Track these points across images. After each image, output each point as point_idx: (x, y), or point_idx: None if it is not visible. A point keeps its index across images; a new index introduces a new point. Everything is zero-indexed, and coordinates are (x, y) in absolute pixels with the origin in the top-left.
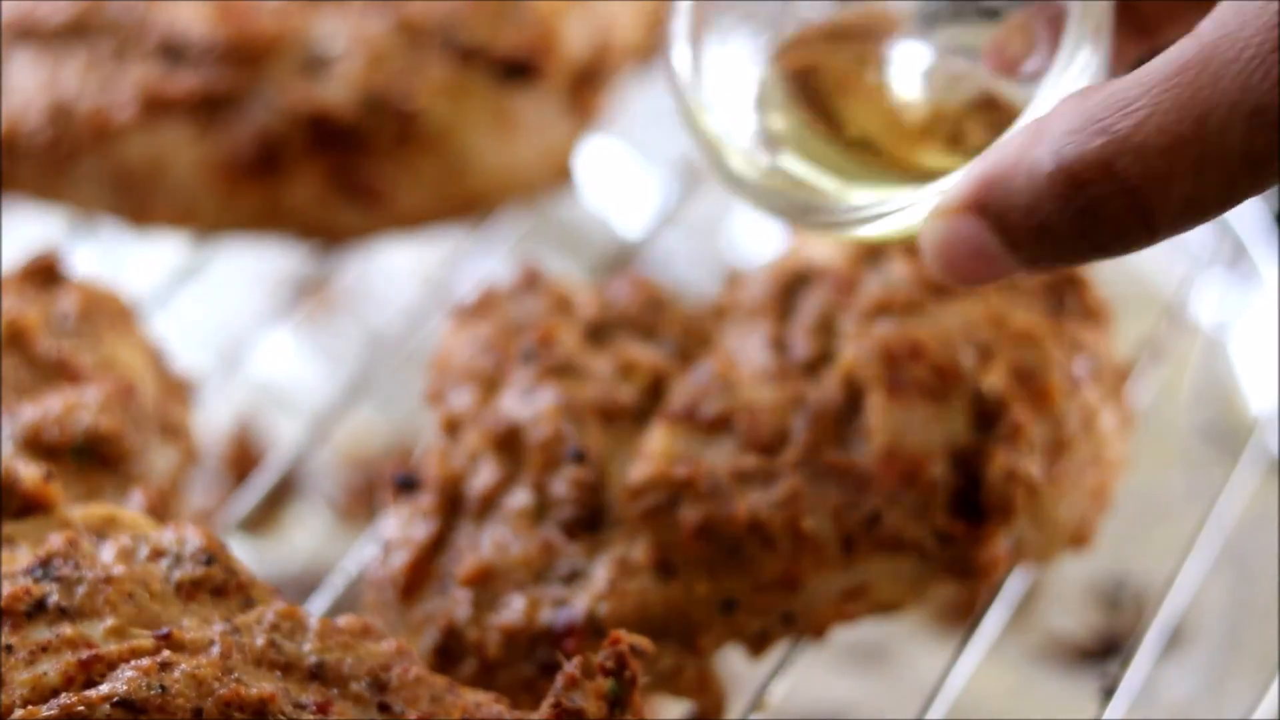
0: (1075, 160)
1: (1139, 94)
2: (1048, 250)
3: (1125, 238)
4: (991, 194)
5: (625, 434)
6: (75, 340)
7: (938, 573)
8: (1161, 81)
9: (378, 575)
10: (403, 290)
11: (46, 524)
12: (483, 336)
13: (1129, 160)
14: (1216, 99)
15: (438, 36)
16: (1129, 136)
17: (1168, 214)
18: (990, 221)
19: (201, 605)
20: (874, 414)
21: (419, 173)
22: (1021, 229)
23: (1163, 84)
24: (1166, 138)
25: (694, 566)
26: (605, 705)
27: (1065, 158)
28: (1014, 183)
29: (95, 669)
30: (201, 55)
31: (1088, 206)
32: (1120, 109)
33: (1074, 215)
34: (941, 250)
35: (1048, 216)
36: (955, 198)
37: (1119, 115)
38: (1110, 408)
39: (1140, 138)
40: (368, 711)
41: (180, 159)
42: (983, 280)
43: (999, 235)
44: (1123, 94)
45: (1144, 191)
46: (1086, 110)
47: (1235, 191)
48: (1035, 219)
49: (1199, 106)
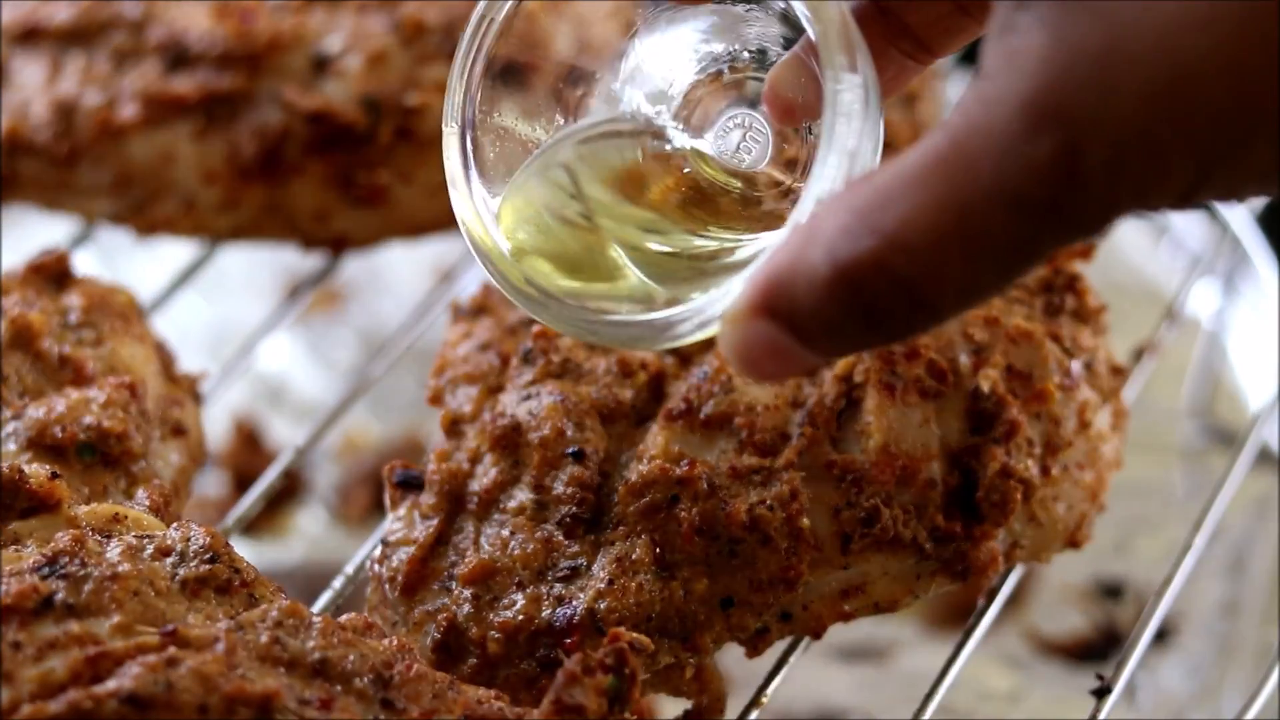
0: (849, 263)
1: (901, 190)
2: (842, 343)
3: (911, 326)
4: (776, 299)
5: (625, 434)
6: (81, 339)
7: (935, 572)
8: (919, 176)
9: (379, 573)
10: (402, 290)
11: (53, 522)
12: (483, 336)
13: (900, 259)
14: (975, 191)
15: (438, 37)
16: (896, 235)
17: (946, 302)
18: (780, 323)
19: (206, 602)
20: (871, 414)
21: (420, 173)
22: (811, 329)
23: (921, 179)
24: (933, 234)
25: (693, 565)
26: (605, 702)
27: (840, 261)
28: (795, 288)
29: (102, 665)
30: (204, 56)
31: (869, 305)
32: (885, 207)
33: (858, 314)
34: (739, 353)
35: (833, 317)
36: (743, 303)
37: (885, 214)
38: (1106, 407)
39: (907, 235)
40: (370, 708)
41: (183, 159)
42: (786, 376)
43: (790, 335)
44: (886, 190)
45: (919, 286)
46: (854, 208)
47: (1009, 273)
48: (821, 320)
49: (959, 200)
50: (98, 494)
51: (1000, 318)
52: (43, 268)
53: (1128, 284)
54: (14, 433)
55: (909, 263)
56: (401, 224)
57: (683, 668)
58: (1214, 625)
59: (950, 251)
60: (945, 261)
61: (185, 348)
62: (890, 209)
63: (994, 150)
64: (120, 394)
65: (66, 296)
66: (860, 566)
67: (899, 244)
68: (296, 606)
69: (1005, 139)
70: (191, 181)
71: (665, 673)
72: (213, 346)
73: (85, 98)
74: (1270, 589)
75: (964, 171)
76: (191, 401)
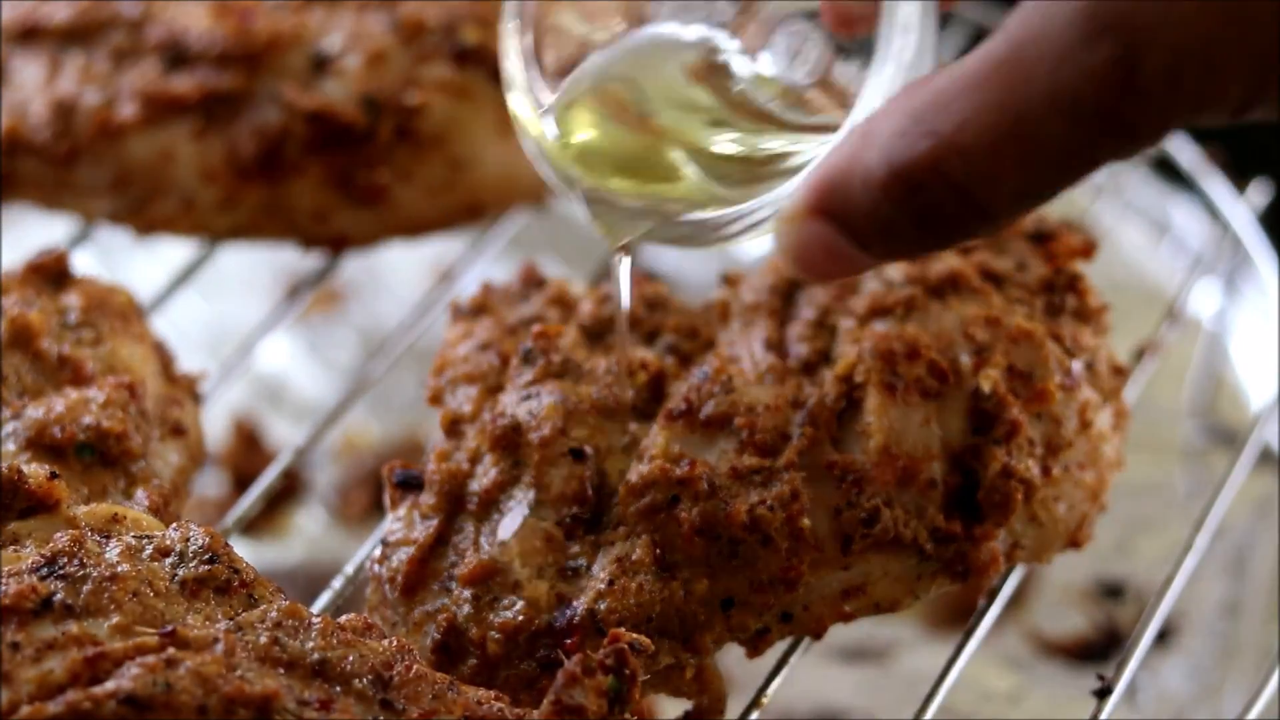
0: (904, 164)
1: (957, 93)
2: (895, 245)
3: (966, 230)
4: (832, 200)
5: (625, 433)
6: (80, 339)
7: (936, 572)
8: (976, 80)
9: (379, 574)
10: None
11: (52, 523)
12: (483, 336)
13: (956, 161)
14: (1031, 96)
15: (437, 36)
16: (952, 138)
17: (1000, 207)
18: (835, 224)
19: (205, 603)
20: (872, 414)
21: (419, 172)
22: (865, 230)
23: (979, 83)
24: (989, 138)
25: (693, 565)
26: (605, 702)
27: (895, 162)
28: (851, 188)
29: (101, 666)
30: (203, 56)
31: (924, 207)
32: (941, 110)
33: (913, 216)
34: (795, 253)
35: (888, 218)
36: (800, 203)
37: (941, 117)
38: (1107, 407)
39: (963, 139)
40: (370, 708)
41: (182, 159)
42: (841, 276)
43: (845, 236)
44: (942, 94)
45: (973, 189)
46: (911, 111)
47: (1063, 180)
48: (877, 221)
49: (1016, 104)
50: (97, 494)
51: (1001, 318)
52: (42, 267)
53: (1128, 284)
54: (13, 432)
55: (964, 165)
56: (401, 223)
57: (683, 668)
58: (1215, 625)
59: (1005, 156)
60: (1000, 165)
61: (184, 347)
62: (947, 112)
63: (1051, 56)
64: (119, 394)
65: (66, 296)
66: (861, 567)
67: (955, 147)
68: (296, 607)
69: (1063, 45)
70: (191, 181)
71: (665, 673)
72: (212, 346)
73: (84, 97)
74: (1271, 589)
75: (1021, 77)
76: (191, 401)
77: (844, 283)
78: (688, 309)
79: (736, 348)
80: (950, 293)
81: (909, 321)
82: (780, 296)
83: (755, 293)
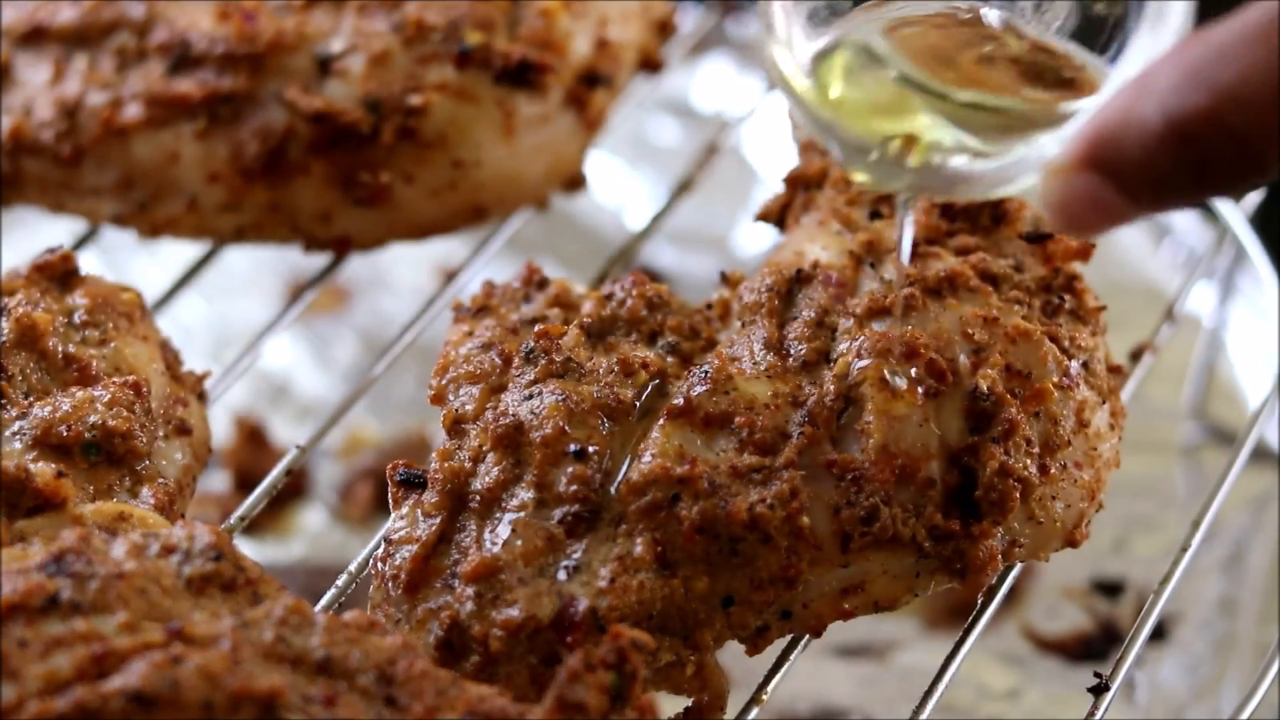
0: (1183, 116)
1: (1237, 45)
2: (1166, 198)
3: (1240, 181)
4: (1104, 152)
5: (626, 432)
6: (86, 338)
7: (934, 570)
8: (1257, 34)
9: (382, 571)
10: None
11: (58, 521)
12: (485, 336)
13: (1235, 112)
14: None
15: (440, 38)
16: (1233, 89)
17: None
18: (1106, 177)
19: (211, 600)
20: (871, 413)
21: (422, 173)
22: (1138, 182)
23: (1259, 36)
24: (1269, 89)
25: (693, 563)
26: (606, 699)
27: (1173, 114)
28: (1125, 140)
29: (107, 663)
30: (207, 57)
31: (1200, 158)
32: (1221, 63)
33: (1188, 167)
34: (1063, 205)
35: (1163, 170)
36: (1070, 156)
37: (1221, 69)
38: (1104, 407)
39: (1244, 90)
40: (374, 704)
41: (186, 159)
42: (1103, 228)
43: (1116, 188)
44: (1222, 46)
45: (1253, 140)
46: (1187, 65)
47: None
48: (1151, 173)
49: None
50: (103, 492)
51: (999, 318)
52: (48, 267)
53: (1128, 284)
54: (20, 432)
55: (1243, 116)
56: (404, 224)
57: (684, 665)
58: (1212, 623)
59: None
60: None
61: (189, 347)
62: (1226, 65)
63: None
64: (125, 393)
65: (72, 296)
66: (860, 565)
67: (1234, 98)
68: (300, 604)
69: None
70: (195, 181)
71: (666, 670)
72: (216, 345)
73: (89, 98)
74: (1268, 586)
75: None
76: (196, 400)
77: (843, 283)
78: (688, 309)
79: (736, 347)
80: (948, 293)
81: (908, 321)
82: (780, 296)
83: (755, 293)
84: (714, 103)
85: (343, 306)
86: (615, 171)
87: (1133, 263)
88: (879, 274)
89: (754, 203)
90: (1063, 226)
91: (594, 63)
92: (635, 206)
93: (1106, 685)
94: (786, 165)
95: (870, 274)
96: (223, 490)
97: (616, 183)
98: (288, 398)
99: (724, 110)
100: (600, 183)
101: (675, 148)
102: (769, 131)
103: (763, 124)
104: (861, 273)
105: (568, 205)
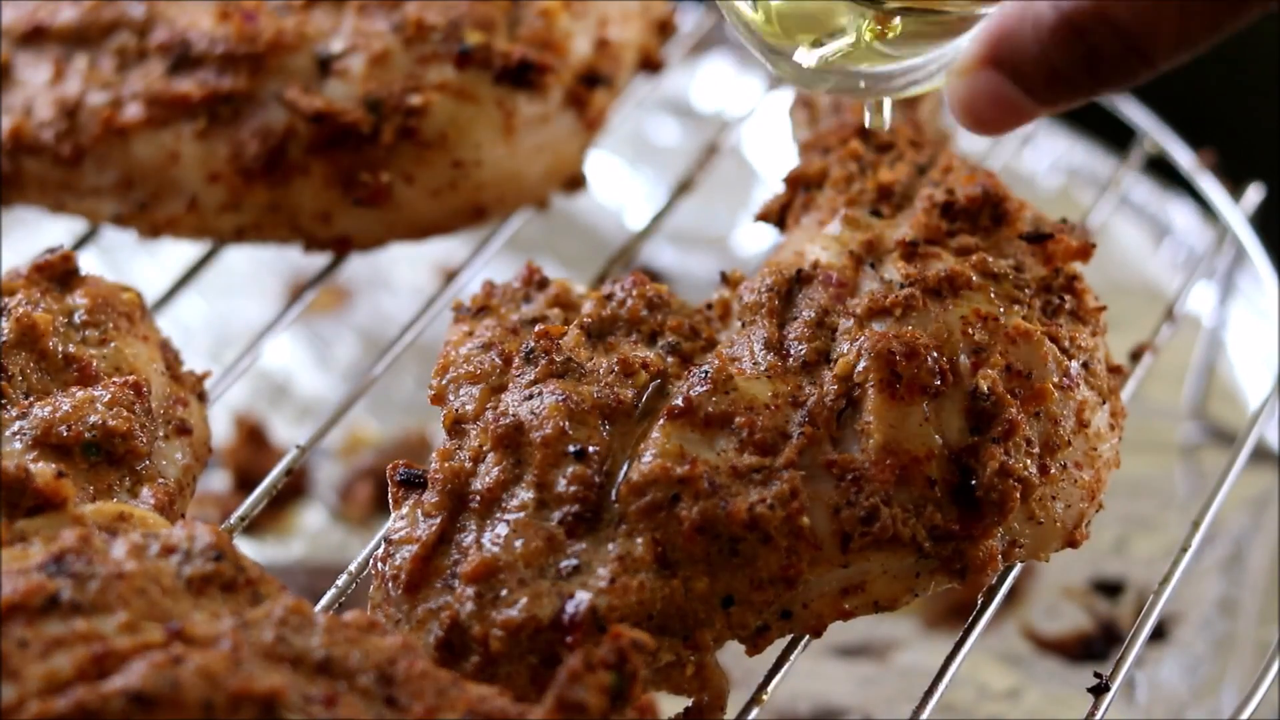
0: (1074, 12)
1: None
2: (1061, 92)
3: (1128, 74)
4: (1003, 49)
5: (626, 432)
6: (86, 338)
7: (934, 570)
8: None
9: (382, 571)
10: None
11: (59, 521)
12: (485, 336)
13: (1122, 8)
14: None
15: (440, 38)
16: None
17: (1162, 50)
18: (1006, 73)
19: (211, 600)
20: (871, 413)
21: (422, 173)
22: (1034, 76)
23: None
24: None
25: (693, 563)
26: (606, 699)
27: (1065, 10)
28: (1022, 36)
29: (107, 663)
30: (207, 57)
31: (1090, 52)
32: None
33: (1080, 60)
34: (966, 103)
35: (1056, 63)
36: (971, 55)
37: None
38: (1104, 407)
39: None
40: (374, 705)
41: (186, 159)
42: (1007, 126)
43: (1015, 84)
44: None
45: (1138, 34)
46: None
47: (1220, 24)
48: (1046, 67)
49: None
50: (103, 492)
51: (1000, 318)
52: (48, 267)
53: (1128, 284)
54: (20, 432)
55: (1130, 13)
56: (404, 225)
57: (684, 665)
58: (1212, 623)
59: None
60: (1161, 11)
61: (189, 347)
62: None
63: None
64: (125, 393)
65: (72, 296)
66: (860, 565)
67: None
68: (301, 604)
69: None
70: (195, 181)
71: (666, 670)
72: (216, 345)
73: (89, 98)
74: (1268, 586)
75: None
76: (196, 400)
77: (843, 283)
78: (688, 309)
79: (737, 348)
80: (949, 293)
81: (908, 321)
82: (780, 297)
83: (755, 293)
84: (714, 103)
85: (343, 306)
86: (615, 171)
87: (1133, 263)
88: (879, 274)
89: (754, 203)
90: (968, 124)
91: (594, 63)
92: (635, 206)
93: (1106, 685)
94: (786, 165)
95: (870, 274)
96: (223, 490)
97: (616, 183)
98: (288, 398)
99: (724, 110)
100: (600, 183)
101: (675, 148)
102: (769, 131)
103: (763, 124)
104: (861, 273)
105: (568, 205)
